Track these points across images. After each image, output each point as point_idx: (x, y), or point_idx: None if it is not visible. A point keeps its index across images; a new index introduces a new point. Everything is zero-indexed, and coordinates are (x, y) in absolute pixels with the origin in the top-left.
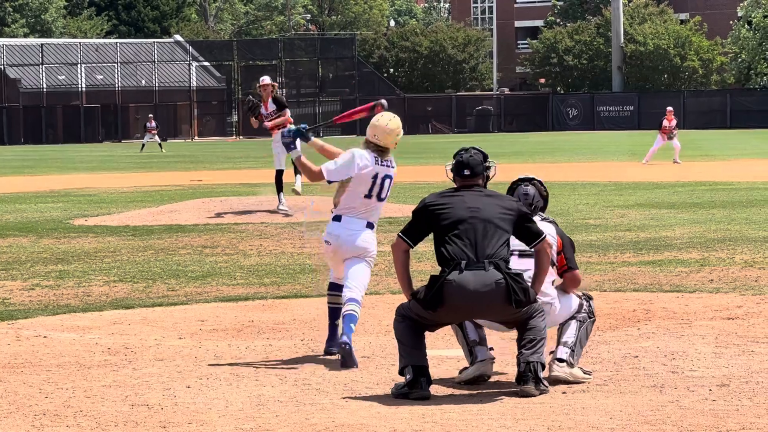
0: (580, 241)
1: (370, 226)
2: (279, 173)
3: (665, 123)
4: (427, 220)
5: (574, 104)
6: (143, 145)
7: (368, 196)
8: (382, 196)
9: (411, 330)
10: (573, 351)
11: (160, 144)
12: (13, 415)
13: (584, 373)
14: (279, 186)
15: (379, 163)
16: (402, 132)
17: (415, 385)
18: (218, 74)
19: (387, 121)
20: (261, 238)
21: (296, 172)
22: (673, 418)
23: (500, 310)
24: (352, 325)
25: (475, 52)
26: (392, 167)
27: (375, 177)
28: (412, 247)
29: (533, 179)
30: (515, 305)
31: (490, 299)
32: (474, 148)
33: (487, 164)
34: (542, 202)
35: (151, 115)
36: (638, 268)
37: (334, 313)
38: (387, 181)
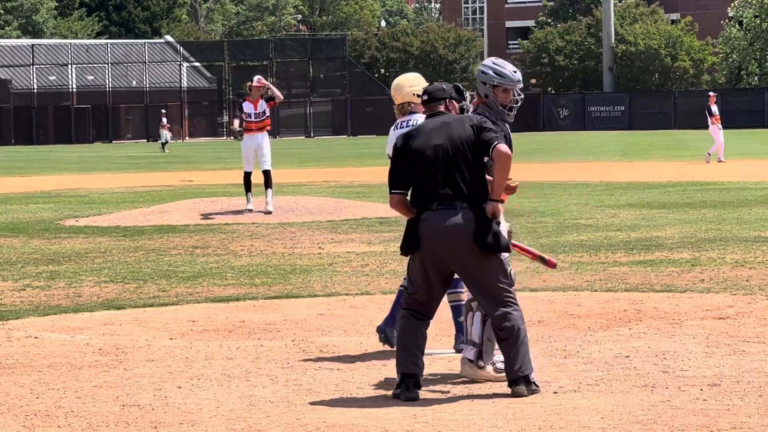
0: (572, 241)
1: None
2: (247, 175)
3: (714, 109)
4: (406, 161)
5: (565, 104)
6: (163, 144)
7: None
8: None
9: (409, 329)
10: (481, 351)
11: (162, 143)
12: (4, 415)
13: (496, 372)
14: (248, 187)
15: (397, 127)
16: (416, 84)
17: (401, 387)
18: (209, 75)
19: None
20: (252, 238)
21: (266, 186)
22: (664, 417)
23: (469, 253)
24: None
25: (466, 53)
26: (407, 126)
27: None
28: (407, 193)
29: None
30: (483, 247)
31: (460, 239)
32: (445, 82)
33: (463, 96)
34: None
35: (164, 111)
36: (629, 268)
37: (456, 310)
38: None
